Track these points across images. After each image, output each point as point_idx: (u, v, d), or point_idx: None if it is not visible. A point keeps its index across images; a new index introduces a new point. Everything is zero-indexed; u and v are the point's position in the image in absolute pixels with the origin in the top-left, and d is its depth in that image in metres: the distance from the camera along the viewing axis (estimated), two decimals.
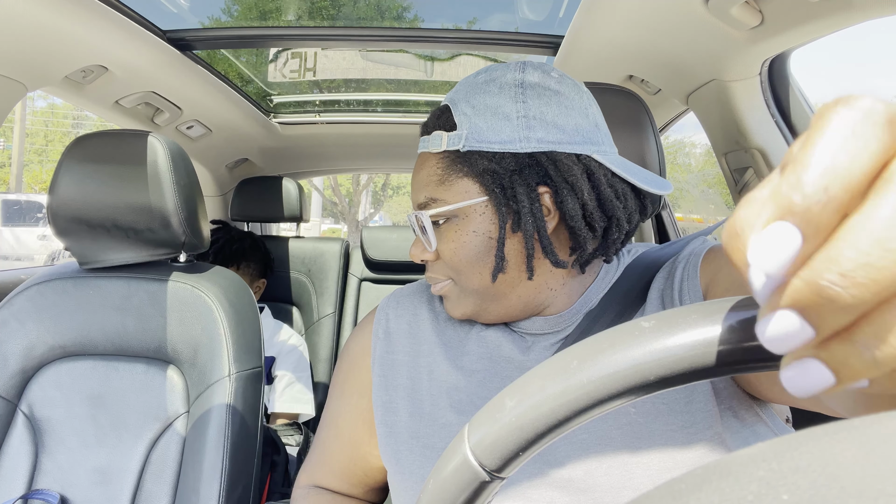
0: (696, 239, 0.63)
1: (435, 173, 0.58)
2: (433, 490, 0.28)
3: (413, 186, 0.62)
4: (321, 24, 1.49)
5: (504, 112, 0.56)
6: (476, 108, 0.57)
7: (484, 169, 0.56)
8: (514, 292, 0.59)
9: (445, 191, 0.57)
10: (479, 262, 0.57)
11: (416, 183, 0.61)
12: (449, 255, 0.58)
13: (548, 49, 1.36)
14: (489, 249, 0.57)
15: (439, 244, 0.59)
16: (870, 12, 0.70)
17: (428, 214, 0.58)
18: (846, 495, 0.12)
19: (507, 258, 0.57)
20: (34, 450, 0.93)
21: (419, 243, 0.62)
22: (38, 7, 0.93)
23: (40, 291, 0.98)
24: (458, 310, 0.62)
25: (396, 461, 0.60)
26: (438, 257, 0.61)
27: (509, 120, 0.56)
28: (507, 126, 0.56)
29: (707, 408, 0.52)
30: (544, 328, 0.61)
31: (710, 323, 0.22)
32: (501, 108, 0.56)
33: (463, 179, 0.57)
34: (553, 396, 0.24)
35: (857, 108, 0.17)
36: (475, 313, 0.61)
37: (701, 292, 0.54)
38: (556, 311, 0.61)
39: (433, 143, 0.59)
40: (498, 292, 0.59)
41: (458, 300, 0.61)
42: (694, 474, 0.14)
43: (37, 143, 22.89)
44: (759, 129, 1.03)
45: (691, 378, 0.23)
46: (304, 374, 1.77)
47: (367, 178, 15.90)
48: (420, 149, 0.62)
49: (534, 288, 0.60)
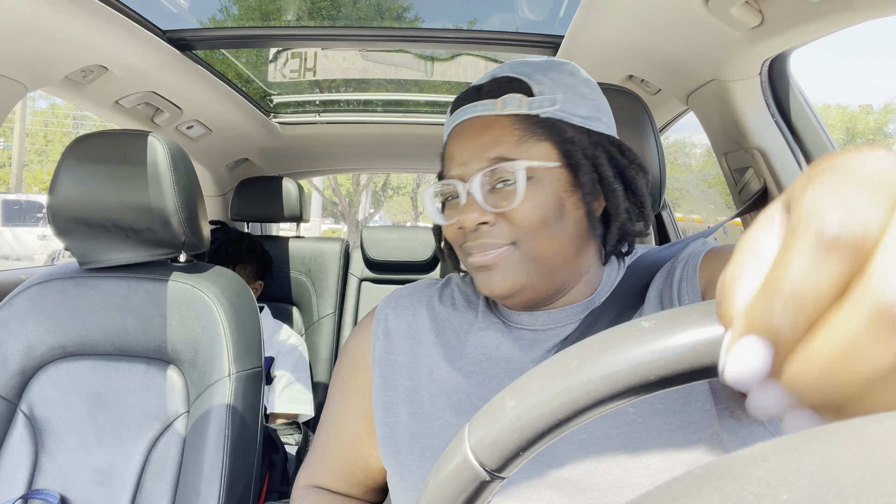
0: (696, 240, 0.64)
1: (511, 133, 0.58)
2: (433, 489, 0.28)
3: (470, 148, 0.59)
4: (321, 25, 1.49)
5: (580, 91, 0.60)
6: (555, 81, 0.60)
7: (568, 137, 0.57)
8: (561, 270, 0.59)
9: (523, 151, 0.57)
10: (552, 226, 0.57)
11: (478, 144, 0.58)
12: (526, 213, 0.56)
13: (548, 49, 1.36)
14: (560, 216, 0.57)
15: (511, 205, 0.56)
16: (870, 12, 0.70)
17: (524, 165, 0.56)
18: (846, 495, 0.12)
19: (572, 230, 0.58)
20: (34, 450, 0.93)
21: (473, 206, 0.57)
22: (38, 7, 0.93)
23: (40, 291, 0.98)
24: (508, 280, 0.57)
25: (396, 462, 0.61)
26: (497, 221, 0.57)
27: (585, 99, 0.60)
28: (584, 104, 0.60)
29: (705, 408, 0.53)
30: (548, 324, 0.61)
31: (710, 322, 0.22)
32: (577, 87, 0.60)
33: (543, 143, 0.57)
34: (553, 396, 0.24)
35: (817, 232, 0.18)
36: (520, 288, 0.58)
37: (700, 292, 0.55)
38: (566, 302, 0.62)
39: (508, 104, 0.58)
40: (553, 266, 0.58)
41: (513, 269, 0.57)
42: (694, 474, 0.14)
43: (37, 143, 22.89)
44: (759, 129, 1.03)
45: (692, 378, 0.23)
46: (304, 375, 1.77)
47: (367, 178, 15.90)
48: (477, 112, 0.60)
49: (574, 269, 0.61)
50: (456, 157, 0.59)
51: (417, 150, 2.36)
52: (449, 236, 0.62)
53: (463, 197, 0.58)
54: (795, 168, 1.01)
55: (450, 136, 0.62)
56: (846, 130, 18.96)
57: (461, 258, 0.62)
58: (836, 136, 16.37)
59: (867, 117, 19.27)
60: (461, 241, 0.60)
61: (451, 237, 0.61)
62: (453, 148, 0.60)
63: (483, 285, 0.58)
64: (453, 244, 0.62)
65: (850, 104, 24.10)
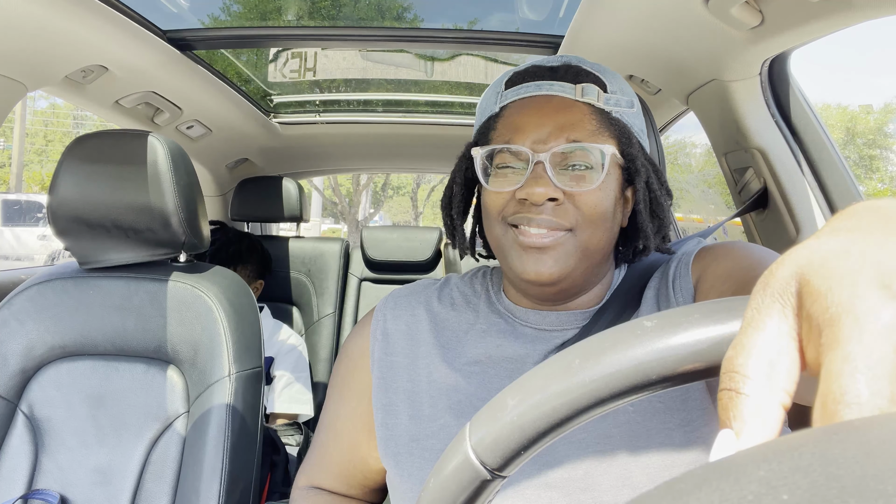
0: (692, 240, 0.67)
1: (589, 122, 0.58)
2: (434, 488, 0.28)
3: (548, 123, 0.58)
4: (321, 24, 1.49)
5: (637, 105, 0.63)
6: (622, 88, 0.62)
7: (633, 143, 0.59)
8: (596, 268, 0.61)
9: (596, 142, 0.58)
10: (606, 221, 0.58)
11: (558, 122, 0.58)
12: (594, 201, 0.56)
13: (548, 49, 1.36)
14: (613, 214, 0.59)
15: (583, 189, 0.57)
16: (870, 12, 0.70)
17: (611, 151, 0.57)
18: (846, 495, 0.12)
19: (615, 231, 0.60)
20: (34, 450, 0.93)
21: (545, 181, 0.56)
22: (38, 7, 0.93)
23: (40, 291, 0.98)
24: (558, 266, 0.56)
25: (396, 463, 0.60)
26: (563, 201, 0.57)
27: (639, 115, 0.63)
28: (639, 119, 0.63)
29: (703, 405, 0.53)
30: (554, 324, 0.62)
31: (711, 322, 0.22)
32: (634, 101, 0.63)
33: (612, 141, 0.58)
34: (555, 395, 0.24)
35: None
36: (564, 277, 0.57)
37: (692, 289, 0.57)
38: (578, 305, 0.63)
39: (588, 93, 0.59)
40: (593, 262, 0.59)
41: (566, 256, 0.56)
42: (694, 474, 0.14)
43: (37, 143, 22.88)
44: (759, 129, 1.03)
45: (693, 377, 0.23)
46: (303, 375, 1.76)
47: (367, 178, 15.89)
48: (554, 91, 0.60)
49: (600, 271, 0.63)
50: (528, 128, 0.58)
51: (417, 150, 2.36)
52: (496, 205, 0.59)
53: (530, 168, 0.57)
54: (795, 168, 1.01)
55: (515, 106, 0.61)
56: (846, 130, 18.96)
57: (497, 236, 0.59)
58: (836, 136, 16.36)
59: (867, 117, 19.27)
60: (512, 212, 0.58)
61: (499, 206, 0.58)
62: (524, 118, 0.59)
63: (528, 268, 0.56)
64: (495, 215, 0.59)
65: (850, 104, 24.11)
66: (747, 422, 0.18)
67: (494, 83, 0.66)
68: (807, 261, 0.19)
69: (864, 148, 19.06)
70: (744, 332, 0.19)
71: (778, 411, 0.18)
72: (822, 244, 0.19)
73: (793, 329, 0.19)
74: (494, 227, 0.60)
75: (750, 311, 0.20)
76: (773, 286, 0.19)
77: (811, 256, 0.19)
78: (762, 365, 0.19)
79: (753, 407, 0.18)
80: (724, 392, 0.19)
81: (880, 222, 0.19)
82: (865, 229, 0.19)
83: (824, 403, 0.16)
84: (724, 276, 0.53)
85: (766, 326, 0.19)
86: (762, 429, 0.18)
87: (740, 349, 0.19)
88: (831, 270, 0.18)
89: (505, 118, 0.61)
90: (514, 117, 0.60)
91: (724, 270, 0.54)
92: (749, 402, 0.18)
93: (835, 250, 0.18)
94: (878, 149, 19.20)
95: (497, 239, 0.60)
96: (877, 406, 0.16)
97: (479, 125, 0.65)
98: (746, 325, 0.20)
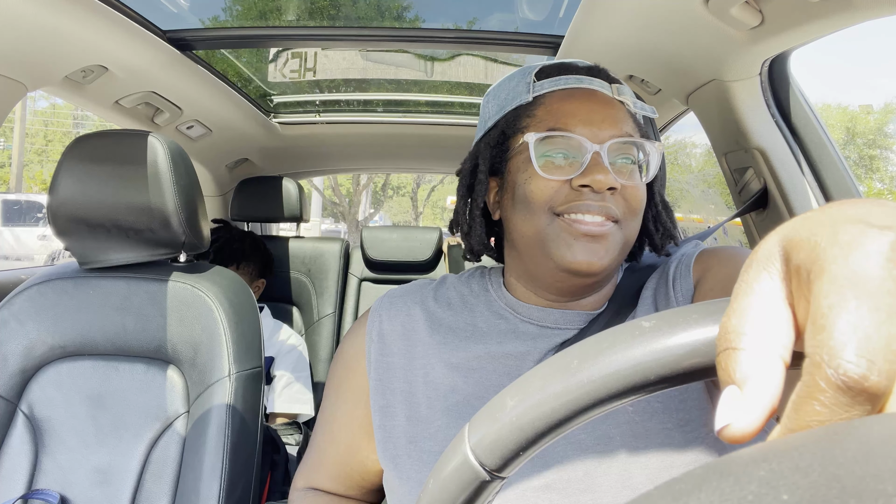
0: (690, 242, 0.67)
1: (629, 120, 0.61)
2: (433, 490, 0.28)
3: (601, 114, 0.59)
4: (321, 24, 1.49)
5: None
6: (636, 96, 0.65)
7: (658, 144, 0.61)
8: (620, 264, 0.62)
9: (646, 139, 0.60)
10: (642, 215, 0.61)
11: (609, 115, 0.59)
12: (640, 196, 0.59)
13: (548, 49, 1.36)
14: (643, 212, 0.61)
15: (634, 182, 0.58)
16: (870, 12, 0.70)
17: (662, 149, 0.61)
18: (846, 495, 0.12)
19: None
20: (34, 450, 0.93)
21: (606, 170, 0.56)
22: (38, 7, 0.93)
23: (40, 291, 0.98)
24: (608, 257, 0.57)
25: (395, 466, 0.60)
26: (616, 194, 0.58)
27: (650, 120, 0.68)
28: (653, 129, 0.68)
29: (701, 405, 0.53)
30: (558, 322, 0.62)
31: (710, 322, 0.22)
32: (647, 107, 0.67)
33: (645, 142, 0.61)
34: (554, 396, 0.24)
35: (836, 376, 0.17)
36: (607, 268, 0.57)
37: (692, 290, 0.58)
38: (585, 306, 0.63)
39: (623, 92, 0.62)
40: (625, 255, 0.61)
41: (613, 247, 0.57)
42: (694, 474, 0.14)
43: (37, 143, 22.89)
44: (759, 129, 1.03)
45: (692, 378, 0.23)
46: (304, 374, 1.77)
47: (367, 178, 15.90)
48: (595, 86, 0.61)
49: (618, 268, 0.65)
50: (578, 118, 0.58)
51: (417, 150, 2.36)
52: (545, 194, 0.57)
53: (588, 157, 0.57)
54: (795, 168, 1.01)
55: (556, 96, 0.60)
56: (846, 130, 18.96)
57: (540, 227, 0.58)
58: (836, 135, 16.35)
59: (867, 117, 19.28)
60: (564, 201, 0.57)
61: (548, 195, 0.57)
62: (572, 107, 0.59)
63: (580, 256, 0.56)
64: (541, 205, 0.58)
65: (850, 104, 24.11)
66: (749, 373, 0.18)
67: (518, 75, 0.65)
68: (789, 227, 0.20)
69: (864, 148, 19.06)
70: (735, 300, 0.20)
71: (778, 363, 0.18)
72: (804, 215, 0.20)
73: (781, 291, 0.19)
74: (537, 217, 0.58)
75: (738, 283, 0.20)
76: (758, 258, 0.20)
77: (792, 223, 0.20)
78: (756, 321, 0.19)
79: (753, 359, 0.19)
80: (721, 354, 0.19)
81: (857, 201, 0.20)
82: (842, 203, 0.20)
83: (814, 320, 0.17)
84: (724, 279, 0.54)
85: (755, 290, 0.20)
86: (765, 380, 0.18)
87: (732, 313, 0.20)
88: (813, 222, 0.19)
89: (546, 106, 0.60)
90: (558, 105, 0.60)
91: (725, 275, 0.54)
92: (748, 355, 0.19)
93: (816, 213, 0.20)
94: (877, 149, 19.20)
95: (538, 230, 0.58)
96: (864, 315, 0.16)
97: (504, 114, 0.63)
98: (736, 293, 0.20)
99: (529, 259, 0.60)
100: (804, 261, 0.18)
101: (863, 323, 0.16)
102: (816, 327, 0.17)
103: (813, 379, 0.16)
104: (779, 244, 0.20)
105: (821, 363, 0.16)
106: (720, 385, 0.19)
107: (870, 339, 0.16)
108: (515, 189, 0.60)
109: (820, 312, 0.17)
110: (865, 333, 0.16)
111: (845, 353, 0.16)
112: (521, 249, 0.61)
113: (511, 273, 0.66)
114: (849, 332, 0.16)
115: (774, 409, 0.18)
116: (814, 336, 0.17)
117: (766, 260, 0.20)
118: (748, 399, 0.18)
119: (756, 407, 0.18)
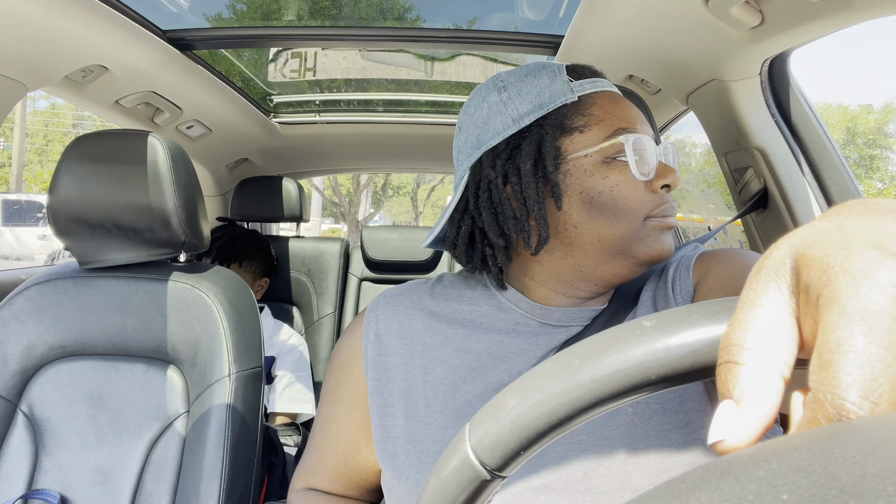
0: (689, 245, 0.67)
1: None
2: (433, 489, 0.28)
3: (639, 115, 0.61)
4: (322, 24, 1.49)
5: None
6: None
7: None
8: None
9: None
10: None
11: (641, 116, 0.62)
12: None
13: (548, 49, 1.36)
14: None
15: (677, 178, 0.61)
16: (870, 12, 0.70)
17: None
18: (846, 495, 0.12)
19: None
20: (34, 450, 0.93)
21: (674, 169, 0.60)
22: (38, 7, 0.93)
23: (40, 291, 0.98)
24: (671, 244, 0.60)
25: (394, 466, 0.60)
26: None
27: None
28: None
29: (700, 406, 0.53)
30: (561, 320, 0.61)
31: (711, 322, 0.22)
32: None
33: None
34: (555, 395, 0.24)
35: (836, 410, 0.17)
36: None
37: (692, 291, 0.58)
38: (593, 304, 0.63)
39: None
40: None
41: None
42: (694, 474, 0.14)
43: (37, 143, 22.89)
44: (759, 129, 1.03)
45: (693, 377, 0.23)
46: (305, 374, 1.77)
47: (367, 178, 15.89)
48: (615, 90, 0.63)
49: None
50: (633, 117, 0.59)
51: (417, 150, 2.36)
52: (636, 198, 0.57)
53: (659, 156, 0.59)
54: (795, 168, 1.01)
55: (602, 97, 0.60)
56: (846, 130, 18.96)
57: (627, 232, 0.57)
58: (836, 135, 16.35)
59: (867, 117, 19.27)
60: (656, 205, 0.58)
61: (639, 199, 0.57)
62: (624, 109, 0.60)
63: (666, 245, 0.59)
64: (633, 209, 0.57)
65: (850, 104, 24.10)
66: (747, 391, 0.18)
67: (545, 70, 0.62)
68: (801, 239, 0.19)
69: (864, 148, 19.06)
70: (740, 309, 0.20)
71: (777, 381, 0.18)
72: (816, 225, 0.19)
73: (789, 305, 0.19)
74: (628, 222, 0.57)
75: (745, 291, 0.20)
76: (767, 267, 0.20)
77: (805, 235, 0.19)
78: (759, 336, 0.19)
79: (752, 376, 0.18)
80: (722, 366, 0.19)
81: (871, 208, 0.20)
82: (858, 213, 0.19)
83: (820, 353, 0.17)
84: (724, 280, 0.54)
85: (762, 302, 0.19)
86: (762, 398, 0.18)
87: (737, 324, 0.19)
88: (827, 241, 0.18)
89: (600, 106, 0.59)
90: (610, 105, 0.60)
91: (726, 275, 0.54)
92: (748, 371, 0.18)
93: (829, 226, 0.19)
94: (878, 148, 19.20)
95: (626, 233, 0.57)
96: (872, 354, 0.16)
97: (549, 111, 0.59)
98: (742, 303, 0.20)
99: (595, 260, 0.58)
100: (814, 282, 0.18)
101: (869, 362, 0.16)
102: (823, 362, 0.16)
103: (814, 415, 0.16)
104: (790, 256, 0.19)
105: (823, 402, 0.16)
106: (719, 398, 0.19)
107: (875, 381, 0.15)
108: (591, 193, 0.57)
109: (827, 347, 0.16)
110: (872, 374, 0.15)
111: (850, 396, 0.16)
112: (588, 251, 0.58)
113: (527, 274, 0.63)
114: (855, 372, 0.16)
115: (769, 426, 0.18)
116: (819, 371, 0.16)
117: (775, 271, 0.19)
118: (744, 416, 0.18)
119: (751, 425, 0.18)
